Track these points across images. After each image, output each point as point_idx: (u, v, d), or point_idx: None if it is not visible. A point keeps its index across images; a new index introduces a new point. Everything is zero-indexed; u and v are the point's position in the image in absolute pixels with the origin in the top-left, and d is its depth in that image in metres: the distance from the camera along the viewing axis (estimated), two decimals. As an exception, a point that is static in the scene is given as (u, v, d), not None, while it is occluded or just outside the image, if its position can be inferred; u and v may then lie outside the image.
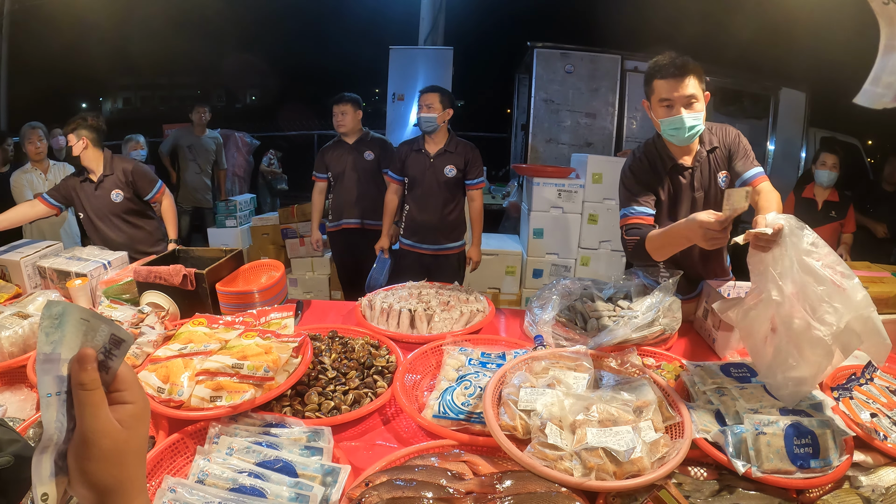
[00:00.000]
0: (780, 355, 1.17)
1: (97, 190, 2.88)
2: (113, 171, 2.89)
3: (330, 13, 10.96)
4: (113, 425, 0.53)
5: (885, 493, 1.06)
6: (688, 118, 1.71)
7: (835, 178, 3.55)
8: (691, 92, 1.70)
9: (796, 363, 1.15)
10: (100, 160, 2.90)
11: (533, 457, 1.06)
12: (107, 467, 0.52)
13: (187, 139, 5.27)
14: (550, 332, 1.65)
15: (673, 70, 1.69)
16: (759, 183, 1.78)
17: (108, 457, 0.52)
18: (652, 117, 1.82)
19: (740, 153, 1.84)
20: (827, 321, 1.12)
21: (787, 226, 1.17)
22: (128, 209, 2.93)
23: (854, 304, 1.13)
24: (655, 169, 1.86)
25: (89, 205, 2.89)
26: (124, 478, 0.53)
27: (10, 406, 1.41)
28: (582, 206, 4.12)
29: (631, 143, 5.51)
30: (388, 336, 1.71)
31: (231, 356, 1.32)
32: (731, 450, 1.08)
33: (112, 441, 0.52)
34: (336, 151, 3.49)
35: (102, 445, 0.51)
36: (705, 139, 1.85)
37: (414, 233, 3.17)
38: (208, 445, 1.16)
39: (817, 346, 1.12)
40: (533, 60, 5.49)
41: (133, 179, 2.91)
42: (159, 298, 1.86)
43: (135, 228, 2.96)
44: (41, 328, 0.51)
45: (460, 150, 3.07)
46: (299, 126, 9.91)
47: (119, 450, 0.53)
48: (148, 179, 2.98)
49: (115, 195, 2.88)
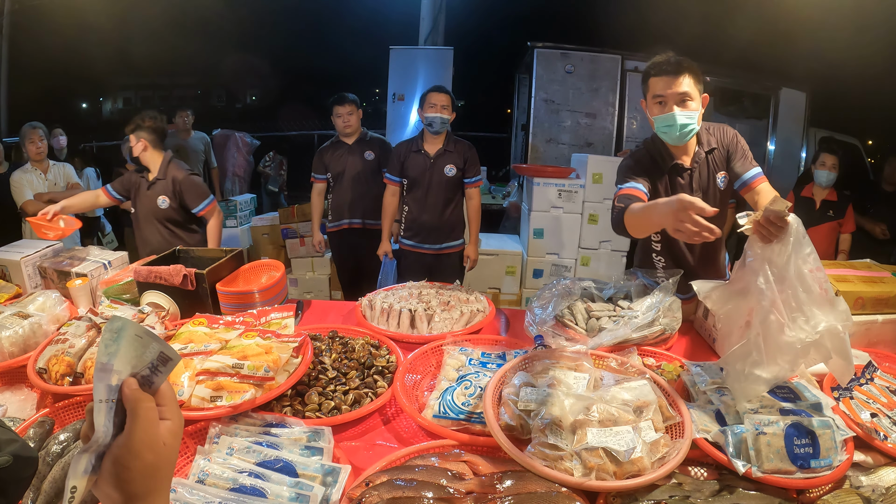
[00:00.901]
0: (745, 346, 1.16)
1: (148, 190, 2.86)
2: (165, 177, 2.85)
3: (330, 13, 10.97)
4: (159, 440, 0.57)
5: (886, 493, 1.06)
6: (680, 115, 1.71)
7: (834, 178, 3.55)
8: (685, 90, 1.70)
9: (759, 359, 1.14)
10: (157, 162, 2.87)
11: (533, 457, 1.06)
12: (143, 478, 0.56)
13: (173, 144, 5.25)
14: (550, 332, 1.65)
15: (667, 67, 1.70)
16: (758, 184, 1.79)
17: (147, 469, 0.56)
18: (648, 116, 1.83)
19: (738, 153, 1.84)
20: (802, 328, 1.11)
21: (795, 225, 1.16)
22: (171, 218, 2.89)
23: (834, 316, 1.12)
24: (655, 164, 1.87)
25: (139, 203, 2.89)
26: (154, 488, 0.57)
27: (11, 406, 1.41)
28: (582, 206, 4.12)
29: (631, 143, 5.51)
30: (388, 336, 1.71)
31: (231, 356, 1.32)
32: (732, 450, 1.08)
33: (155, 455, 0.56)
34: (335, 152, 3.49)
35: (146, 458, 0.55)
36: (703, 140, 1.85)
37: (415, 233, 3.17)
38: (209, 445, 1.16)
39: (786, 350, 1.11)
40: (533, 60, 5.49)
41: (180, 189, 2.85)
42: (159, 298, 1.86)
43: (175, 238, 2.90)
44: (102, 340, 0.56)
45: (459, 149, 3.07)
46: (299, 126, 9.92)
47: (158, 464, 0.57)
48: (197, 193, 2.89)
49: (161, 201, 2.84)
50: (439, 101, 2.96)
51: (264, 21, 11.06)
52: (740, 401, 1.17)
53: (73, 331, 1.47)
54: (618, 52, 5.50)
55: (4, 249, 2.19)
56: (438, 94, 2.98)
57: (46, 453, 1.14)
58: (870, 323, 1.64)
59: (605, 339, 1.56)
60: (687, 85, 1.70)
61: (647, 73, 1.77)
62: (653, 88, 1.75)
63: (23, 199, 3.73)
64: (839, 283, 1.64)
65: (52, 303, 1.75)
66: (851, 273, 1.74)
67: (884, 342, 1.65)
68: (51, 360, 1.38)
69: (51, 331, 1.62)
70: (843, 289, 1.62)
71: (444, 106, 2.96)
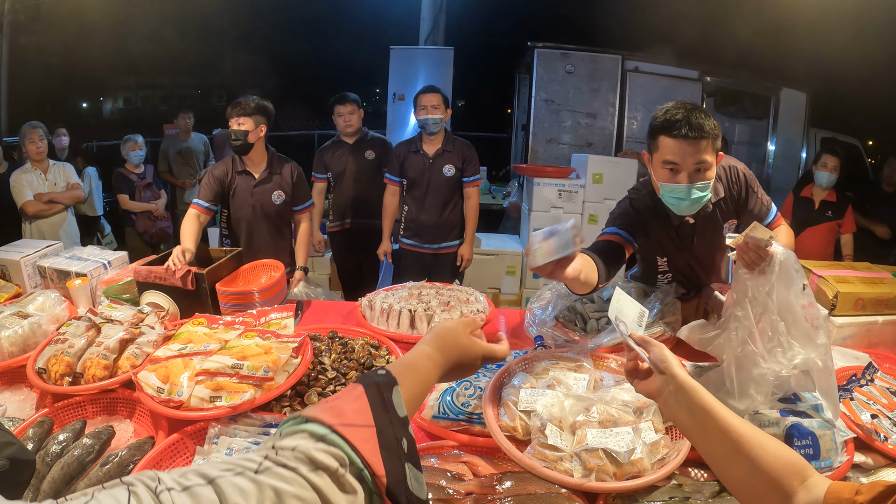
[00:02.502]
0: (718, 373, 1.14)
1: (256, 187, 2.59)
2: (280, 171, 2.62)
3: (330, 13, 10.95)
4: (481, 353, 0.85)
5: (886, 495, 1.06)
6: (694, 190, 1.46)
7: (834, 180, 3.55)
8: (703, 158, 1.44)
9: (731, 390, 1.12)
10: (264, 155, 2.62)
11: (533, 458, 1.06)
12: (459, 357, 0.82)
13: (176, 146, 5.44)
14: (550, 333, 1.65)
15: (687, 130, 1.41)
16: (776, 225, 1.70)
17: (464, 356, 0.82)
18: (651, 172, 1.58)
19: (752, 197, 1.69)
20: (779, 360, 1.09)
21: (782, 258, 1.13)
22: (283, 215, 2.67)
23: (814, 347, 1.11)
24: (658, 219, 1.68)
25: (244, 203, 2.58)
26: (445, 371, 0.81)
27: (10, 406, 1.41)
28: (582, 206, 4.12)
29: (631, 143, 5.51)
30: (388, 336, 1.71)
31: (231, 356, 1.32)
32: (732, 451, 1.08)
33: (471, 358, 0.84)
34: (336, 151, 3.49)
35: (474, 351, 0.84)
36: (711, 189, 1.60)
37: (415, 233, 3.17)
38: (208, 446, 1.16)
39: (759, 382, 1.09)
40: (533, 60, 5.49)
41: (296, 182, 2.64)
42: (159, 298, 1.86)
43: (282, 239, 2.69)
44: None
45: (458, 148, 3.08)
46: (299, 126, 9.92)
47: (463, 363, 0.83)
48: (307, 189, 2.71)
49: (276, 196, 2.60)
50: (429, 101, 2.96)
51: (264, 21, 11.05)
52: None
53: (73, 331, 1.47)
54: (618, 52, 5.51)
55: (4, 249, 2.19)
56: (428, 94, 2.98)
57: (45, 453, 1.14)
58: (870, 324, 1.64)
59: (605, 340, 1.56)
60: (707, 152, 1.44)
61: (658, 130, 1.48)
62: (664, 151, 1.47)
63: (23, 199, 3.73)
64: (840, 284, 1.64)
65: (52, 302, 1.75)
66: (851, 274, 1.73)
67: (884, 343, 1.65)
68: (50, 360, 1.38)
69: (50, 331, 1.62)
70: (844, 290, 1.62)
71: (434, 106, 2.95)
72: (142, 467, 1.10)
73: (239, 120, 2.47)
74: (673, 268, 1.84)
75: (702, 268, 1.85)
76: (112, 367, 1.39)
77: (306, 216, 2.76)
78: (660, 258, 1.82)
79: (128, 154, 4.69)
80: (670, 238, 1.74)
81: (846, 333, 1.64)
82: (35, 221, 3.82)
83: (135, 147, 4.71)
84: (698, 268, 1.85)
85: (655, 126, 1.50)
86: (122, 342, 1.44)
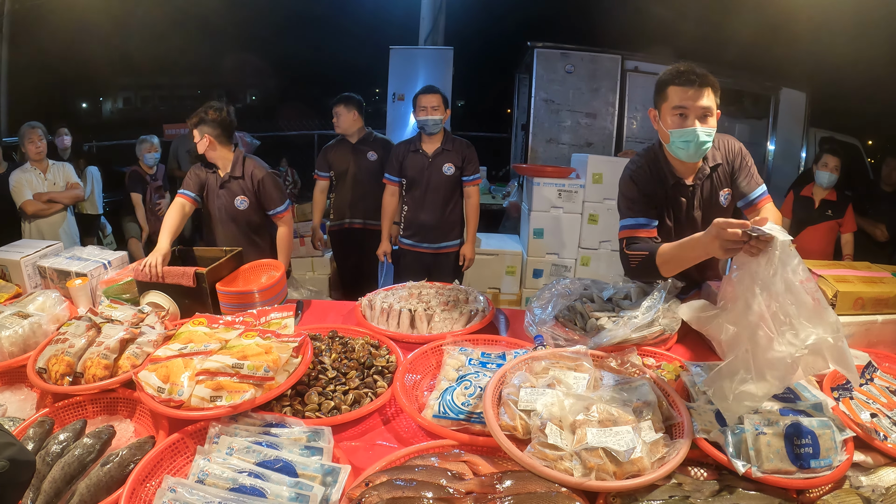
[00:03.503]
0: (733, 364, 1.14)
1: (221, 189, 2.57)
2: (243, 175, 2.57)
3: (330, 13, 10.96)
4: None
5: (886, 494, 1.06)
6: (701, 131, 1.62)
7: (835, 180, 3.54)
8: (707, 104, 1.62)
9: (747, 377, 1.11)
10: (227, 159, 2.58)
11: (533, 457, 1.06)
12: None
13: (186, 145, 5.44)
14: (550, 333, 1.65)
15: (693, 77, 1.60)
16: (763, 204, 1.78)
17: None
18: (659, 128, 1.73)
19: (744, 170, 1.79)
20: (791, 342, 1.09)
21: (780, 237, 1.14)
22: (250, 221, 2.62)
23: (825, 325, 1.10)
24: (657, 182, 1.78)
25: (212, 203, 2.60)
26: None
27: (10, 406, 1.42)
28: (582, 206, 4.12)
29: (631, 143, 5.52)
30: (388, 336, 1.71)
31: (231, 356, 1.32)
32: (732, 450, 1.08)
33: None
34: (339, 151, 3.49)
35: None
36: (709, 155, 1.78)
37: (414, 233, 3.17)
38: (208, 445, 1.16)
39: (775, 366, 1.09)
40: (533, 60, 5.49)
41: (260, 188, 2.57)
42: (159, 298, 1.86)
43: (252, 245, 2.59)
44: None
45: (457, 147, 3.08)
46: (300, 126, 9.92)
47: None
48: (277, 195, 2.61)
49: (239, 201, 2.56)
50: (429, 102, 2.96)
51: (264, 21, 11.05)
52: (730, 420, 1.14)
53: (73, 331, 1.47)
54: (618, 51, 5.51)
55: (4, 249, 2.19)
56: (427, 95, 2.98)
57: (46, 453, 1.14)
58: (869, 323, 1.63)
59: (604, 340, 1.56)
60: (709, 100, 1.63)
61: (667, 82, 1.65)
62: (672, 98, 1.64)
63: (22, 198, 3.73)
64: (839, 284, 1.64)
65: (52, 302, 1.75)
66: (851, 273, 1.73)
67: (883, 342, 1.65)
68: (50, 360, 1.38)
69: (50, 330, 1.62)
70: (843, 289, 1.61)
71: (434, 107, 2.96)
72: (142, 467, 1.10)
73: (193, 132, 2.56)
74: None
75: None
76: (112, 366, 1.39)
77: (283, 219, 2.66)
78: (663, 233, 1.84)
79: (143, 155, 4.70)
80: (672, 202, 1.81)
81: (846, 333, 1.62)
82: (34, 221, 3.82)
83: (151, 149, 4.71)
84: None
85: (664, 80, 1.67)
86: (123, 342, 1.45)
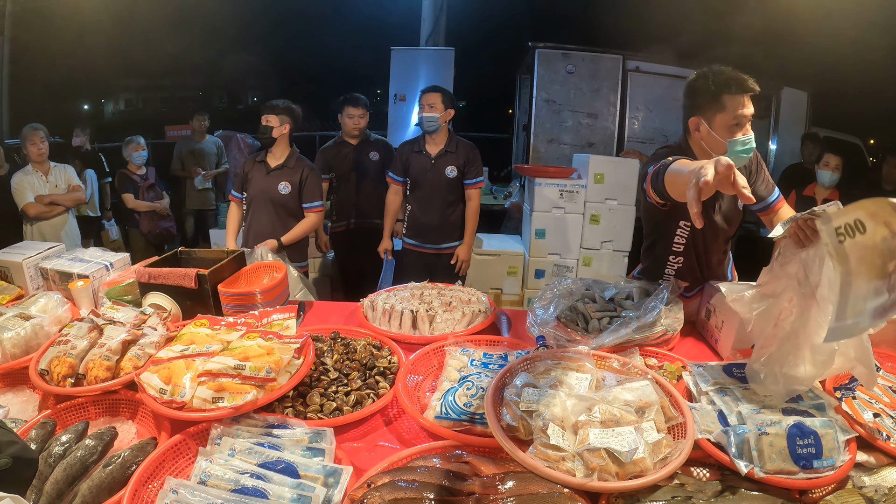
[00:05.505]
0: (783, 349, 1.17)
1: (268, 175, 2.92)
2: (294, 166, 2.94)
3: (331, 14, 10.96)
4: None
5: (888, 494, 1.06)
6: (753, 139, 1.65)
7: (837, 179, 3.54)
8: (753, 109, 1.64)
9: (796, 362, 1.15)
10: (286, 150, 2.97)
11: (535, 457, 1.06)
12: None
13: (189, 146, 5.51)
14: (552, 333, 1.65)
15: (750, 86, 1.60)
16: (779, 207, 1.83)
17: None
18: (704, 137, 1.69)
19: (760, 174, 1.84)
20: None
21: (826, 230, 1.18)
22: (286, 205, 2.94)
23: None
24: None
25: (253, 186, 2.94)
26: None
27: (13, 407, 1.42)
28: (584, 206, 4.11)
29: (633, 143, 5.51)
30: (390, 337, 1.71)
31: (233, 357, 1.32)
32: (734, 450, 1.08)
33: None
34: (339, 152, 3.49)
35: None
36: None
37: (417, 233, 3.17)
38: (210, 446, 1.16)
39: (822, 351, 1.13)
40: (534, 61, 5.49)
41: (305, 181, 2.93)
42: (162, 300, 1.86)
43: (283, 227, 2.94)
44: None
45: (461, 149, 3.07)
46: (301, 127, 9.92)
47: None
48: (318, 192, 2.97)
49: (282, 186, 2.91)
50: (427, 100, 2.97)
51: (265, 22, 11.07)
52: (781, 401, 1.20)
53: (75, 332, 1.47)
54: (619, 52, 5.49)
55: (6, 251, 2.19)
56: (427, 93, 3.00)
57: (48, 454, 1.14)
58: (872, 323, 1.63)
59: (606, 340, 1.56)
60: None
61: (721, 90, 1.62)
62: (731, 108, 1.61)
63: (24, 201, 3.74)
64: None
65: (54, 304, 1.76)
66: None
67: (886, 342, 1.64)
68: (53, 362, 1.38)
69: (52, 332, 1.62)
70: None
71: (431, 105, 2.96)
72: (144, 468, 1.10)
73: (268, 117, 2.87)
74: (690, 241, 1.86)
75: (715, 242, 1.89)
76: (114, 368, 1.39)
77: (315, 213, 2.97)
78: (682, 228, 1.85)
79: (130, 155, 4.70)
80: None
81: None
82: (36, 223, 3.83)
83: (137, 148, 4.72)
84: (712, 242, 1.89)
85: (716, 88, 1.62)
86: (125, 343, 1.45)
